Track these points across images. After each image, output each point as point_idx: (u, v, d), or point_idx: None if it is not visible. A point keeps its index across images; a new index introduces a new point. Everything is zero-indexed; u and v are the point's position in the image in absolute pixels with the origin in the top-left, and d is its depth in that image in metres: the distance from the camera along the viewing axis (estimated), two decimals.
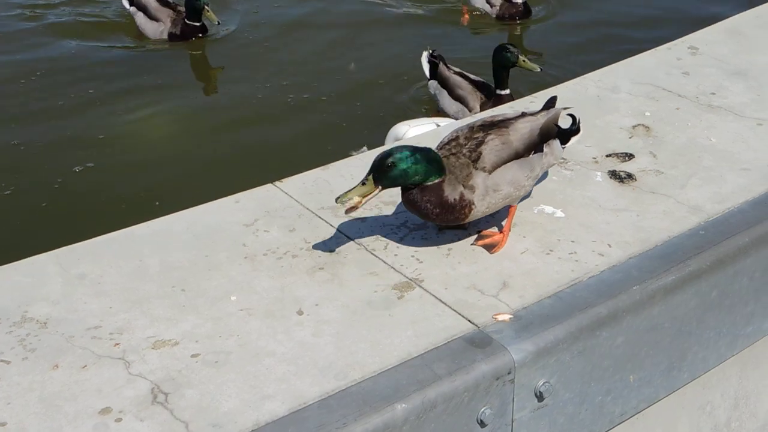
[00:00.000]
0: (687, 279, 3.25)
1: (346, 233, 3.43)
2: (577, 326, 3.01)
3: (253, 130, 7.47)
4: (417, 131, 5.56)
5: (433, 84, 7.84)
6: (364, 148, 6.35)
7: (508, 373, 2.86)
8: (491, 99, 7.38)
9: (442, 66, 7.76)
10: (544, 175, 3.65)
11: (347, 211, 3.08)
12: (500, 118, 3.33)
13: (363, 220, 3.50)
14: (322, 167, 3.89)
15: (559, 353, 2.97)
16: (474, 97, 7.50)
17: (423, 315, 3.02)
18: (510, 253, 3.33)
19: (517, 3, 9.43)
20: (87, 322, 2.99)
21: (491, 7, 9.51)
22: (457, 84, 7.59)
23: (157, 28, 8.86)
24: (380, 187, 3.09)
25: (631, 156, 3.92)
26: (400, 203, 3.55)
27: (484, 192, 3.17)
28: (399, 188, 3.17)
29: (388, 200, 3.60)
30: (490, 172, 3.18)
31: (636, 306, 3.13)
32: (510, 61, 7.24)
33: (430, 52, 7.99)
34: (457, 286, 3.16)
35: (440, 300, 3.10)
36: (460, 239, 3.41)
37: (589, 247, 3.36)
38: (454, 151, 3.21)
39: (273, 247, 3.36)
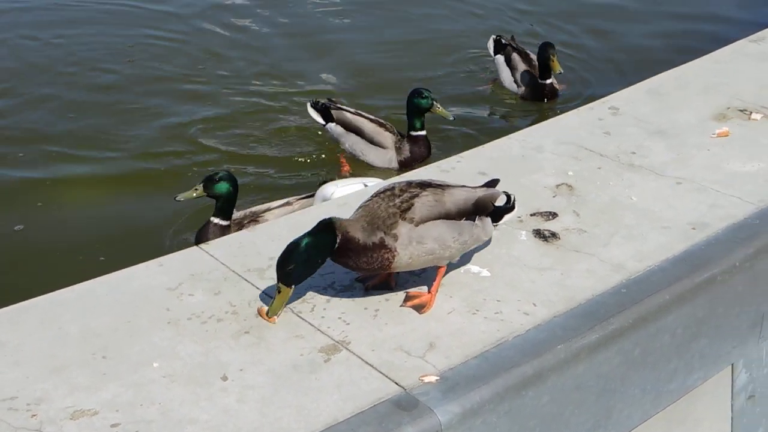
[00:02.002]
0: (610, 337, 3.29)
1: (272, 296, 3.40)
2: (503, 386, 3.02)
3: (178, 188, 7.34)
4: (344, 191, 5.56)
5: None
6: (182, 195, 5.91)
7: None
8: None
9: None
10: (477, 248, 3.67)
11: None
12: (439, 182, 3.43)
13: None
14: (248, 229, 3.87)
15: (486, 414, 2.97)
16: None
17: (349, 378, 3.00)
18: (437, 314, 3.34)
19: (544, 84, 8.59)
20: (3, 393, 2.90)
21: (518, 87, 8.79)
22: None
23: (384, 155, 7.29)
24: (293, 286, 3.20)
25: (554, 215, 3.98)
26: (328, 263, 3.55)
27: (407, 241, 3.21)
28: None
29: None
30: (417, 224, 3.22)
31: (561, 365, 3.16)
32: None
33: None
34: (384, 348, 3.15)
35: (367, 362, 3.08)
36: (387, 300, 3.41)
37: (515, 306, 3.38)
38: (386, 198, 3.28)
39: (197, 311, 3.32)
